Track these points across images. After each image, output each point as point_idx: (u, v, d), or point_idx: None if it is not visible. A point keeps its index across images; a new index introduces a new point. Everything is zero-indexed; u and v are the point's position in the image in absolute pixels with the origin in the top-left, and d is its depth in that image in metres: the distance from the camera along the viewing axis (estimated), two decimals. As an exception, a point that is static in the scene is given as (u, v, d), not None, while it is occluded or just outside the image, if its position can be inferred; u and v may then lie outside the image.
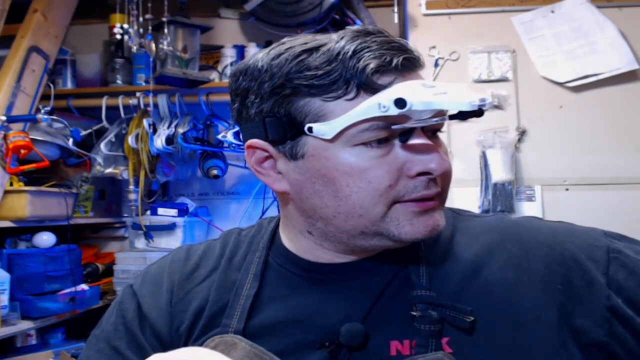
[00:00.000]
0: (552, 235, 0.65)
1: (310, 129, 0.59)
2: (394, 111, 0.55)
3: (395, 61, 0.58)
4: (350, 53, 0.58)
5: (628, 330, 0.59)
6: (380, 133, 0.58)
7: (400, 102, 0.55)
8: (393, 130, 0.59)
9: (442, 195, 0.63)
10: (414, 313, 0.60)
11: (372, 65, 0.57)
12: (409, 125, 0.58)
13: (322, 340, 0.62)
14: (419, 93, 0.56)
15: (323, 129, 0.59)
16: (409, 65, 0.60)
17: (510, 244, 0.65)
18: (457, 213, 0.73)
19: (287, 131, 0.61)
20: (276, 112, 0.61)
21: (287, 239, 0.71)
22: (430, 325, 0.59)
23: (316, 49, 0.60)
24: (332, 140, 0.59)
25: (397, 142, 0.60)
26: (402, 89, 0.57)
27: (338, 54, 0.58)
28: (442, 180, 0.62)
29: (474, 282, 0.63)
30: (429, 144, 0.60)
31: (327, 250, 0.67)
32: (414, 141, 0.60)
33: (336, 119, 0.58)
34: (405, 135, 0.59)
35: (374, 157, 0.59)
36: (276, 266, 0.70)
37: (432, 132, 0.62)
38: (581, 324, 0.59)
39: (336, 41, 0.60)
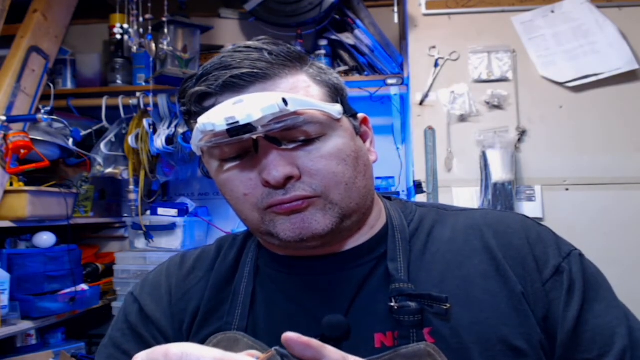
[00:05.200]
0: (522, 239, 0.69)
1: (191, 146, 0.69)
2: (202, 132, 0.63)
3: (218, 82, 0.64)
4: (193, 82, 0.66)
5: (549, 341, 0.64)
6: (223, 149, 0.64)
7: (198, 127, 0.63)
8: (239, 147, 0.64)
9: (320, 197, 0.64)
10: (393, 305, 0.63)
11: (198, 92, 0.65)
12: (212, 141, 0.63)
13: (309, 334, 0.63)
14: (216, 114, 0.61)
15: (192, 146, 0.69)
16: (241, 81, 0.64)
17: (490, 238, 0.69)
18: (441, 209, 0.76)
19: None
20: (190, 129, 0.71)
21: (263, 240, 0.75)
22: (410, 316, 0.62)
23: (192, 77, 0.67)
24: (204, 155, 0.69)
25: (247, 156, 0.65)
26: (211, 111, 0.62)
27: (192, 82, 0.67)
28: (312, 182, 0.64)
29: (455, 274, 0.66)
30: (268, 155, 0.63)
31: (277, 247, 0.71)
32: (260, 151, 0.63)
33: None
34: (250, 149, 0.64)
35: (230, 169, 0.66)
36: (263, 266, 0.74)
37: (296, 141, 0.64)
38: (547, 325, 0.64)
39: (205, 64, 0.67)
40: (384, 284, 0.66)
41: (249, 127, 0.60)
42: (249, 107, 0.60)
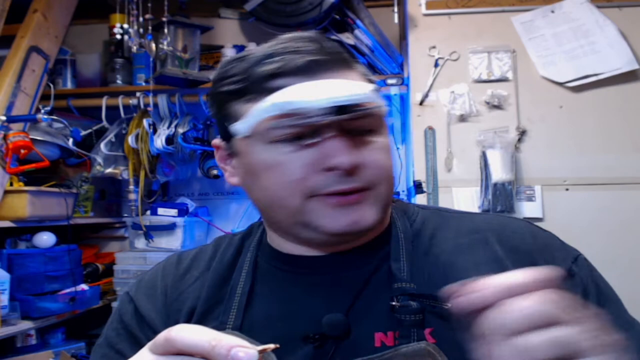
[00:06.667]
0: (529, 244, 0.70)
1: (233, 129, 0.67)
2: (277, 110, 0.61)
3: (295, 64, 0.63)
4: (259, 59, 0.65)
5: None
6: (288, 130, 0.63)
7: (280, 101, 0.61)
8: (304, 128, 0.63)
9: (370, 190, 0.65)
10: (394, 304, 0.63)
11: (271, 69, 0.63)
12: (302, 121, 0.62)
13: (308, 333, 0.64)
14: (299, 93, 0.61)
15: (239, 128, 0.66)
16: (316, 67, 0.64)
17: (494, 244, 0.69)
18: (442, 211, 0.77)
19: (225, 131, 0.69)
20: (218, 115, 0.71)
21: (270, 237, 0.75)
22: (411, 316, 0.62)
23: (241, 58, 0.67)
24: (249, 138, 0.66)
25: (310, 139, 0.64)
26: (291, 90, 0.62)
27: (250, 61, 0.65)
28: (369, 174, 0.64)
29: (457, 276, 0.65)
30: (339, 140, 0.63)
31: (290, 242, 0.71)
32: (326, 137, 0.63)
33: (246, 118, 0.65)
34: (318, 132, 0.63)
35: (287, 152, 0.64)
36: (264, 264, 0.73)
37: (357, 132, 0.65)
38: None
39: (257, 50, 0.67)
40: (387, 284, 0.66)
41: (341, 109, 0.61)
42: (346, 89, 0.61)
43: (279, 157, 0.64)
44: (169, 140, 2.21)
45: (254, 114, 0.63)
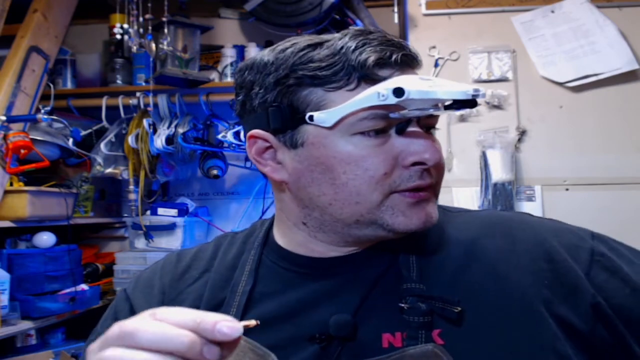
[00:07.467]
0: (541, 232, 0.68)
1: (311, 117, 0.62)
2: (392, 100, 0.58)
3: (394, 56, 0.61)
4: (352, 47, 0.61)
5: (607, 328, 0.62)
6: (378, 123, 0.61)
7: (398, 91, 0.58)
8: (390, 121, 0.61)
9: (435, 188, 0.66)
10: (403, 305, 0.62)
11: (372, 58, 0.60)
12: (406, 113, 0.61)
13: (313, 333, 0.63)
14: (416, 84, 0.59)
15: (323, 117, 0.62)
16: (408, 61, 0.63)
17: (501, 239, 0.68)
18: (446, 210, 0.75)
19: (288, 120, 0.64)
20: (279, 102, 0.64)
21: (280, 236, 0.73)
22: (420, 317, 0.61)
23: (320, 44, 0.63)
24: (331, 129, 0.62)
25: (393, 133, 0.63)
26: (400, 80, 0.59)
27: (341, 48, 0.62)
28: (436, 173, 0.65)
29: (465, 275, 0.65)
30: (423, 136, 0.63)
31: (321, 242, 0.68)
32: (409, 132, 0.63)
33: (336, 107, 0.61)
34: (402, 126, 0.62)
35: (371, 146, 0.62)
36: (269, 263, 0.72)
37: (426, 128, 0.65)
38: (568, 319, 0.62)
39: (339, 38, 0.63)
40: (396, 285, 0.64)
41: (459, 104, 0.60)
42: (459, 85, 0.60)
43: (361, 151, 0.61)
44: (169, 140, 2.21)
45: (357, 102, 0.59)
